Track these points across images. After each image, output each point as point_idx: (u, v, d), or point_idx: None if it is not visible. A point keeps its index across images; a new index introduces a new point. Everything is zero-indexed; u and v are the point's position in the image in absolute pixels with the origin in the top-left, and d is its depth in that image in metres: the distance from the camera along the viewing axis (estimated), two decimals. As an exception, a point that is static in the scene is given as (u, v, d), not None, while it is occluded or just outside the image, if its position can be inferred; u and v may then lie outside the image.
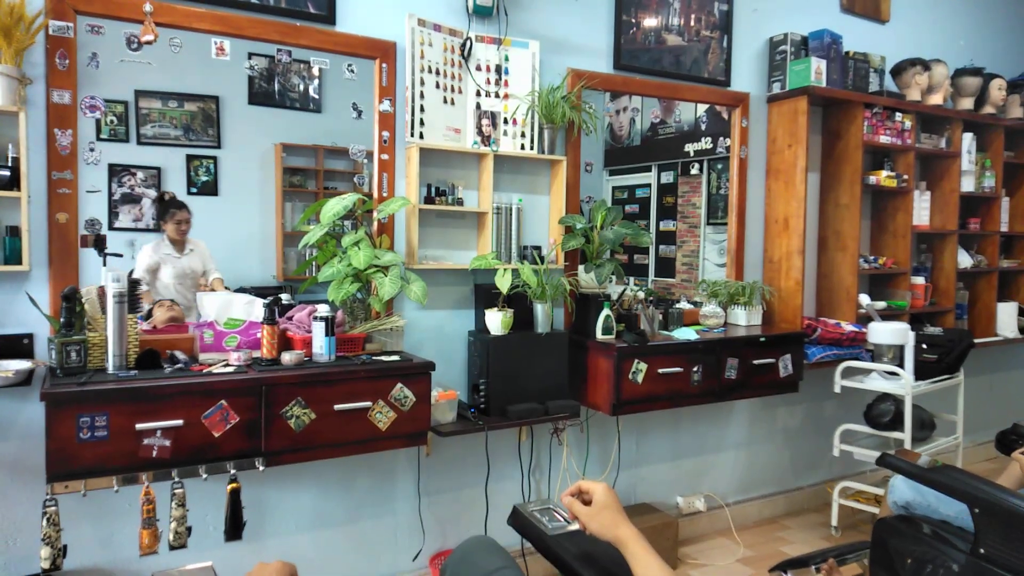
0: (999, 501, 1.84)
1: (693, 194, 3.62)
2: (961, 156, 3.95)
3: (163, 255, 2.52)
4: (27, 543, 2.18)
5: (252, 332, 2.30)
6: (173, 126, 2.42)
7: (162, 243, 2.46)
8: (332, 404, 2.15)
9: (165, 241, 2.47)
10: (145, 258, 2.50)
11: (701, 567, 3.20)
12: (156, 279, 2.51)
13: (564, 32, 2.99)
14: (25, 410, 2.14)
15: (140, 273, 2.47)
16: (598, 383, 2.81)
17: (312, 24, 2.47)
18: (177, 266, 2.49)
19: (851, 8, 3.82)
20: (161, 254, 2.52)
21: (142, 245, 2.39)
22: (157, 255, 2.51)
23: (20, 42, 2.02)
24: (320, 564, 2.63)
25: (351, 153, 2.63)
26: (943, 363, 3.44)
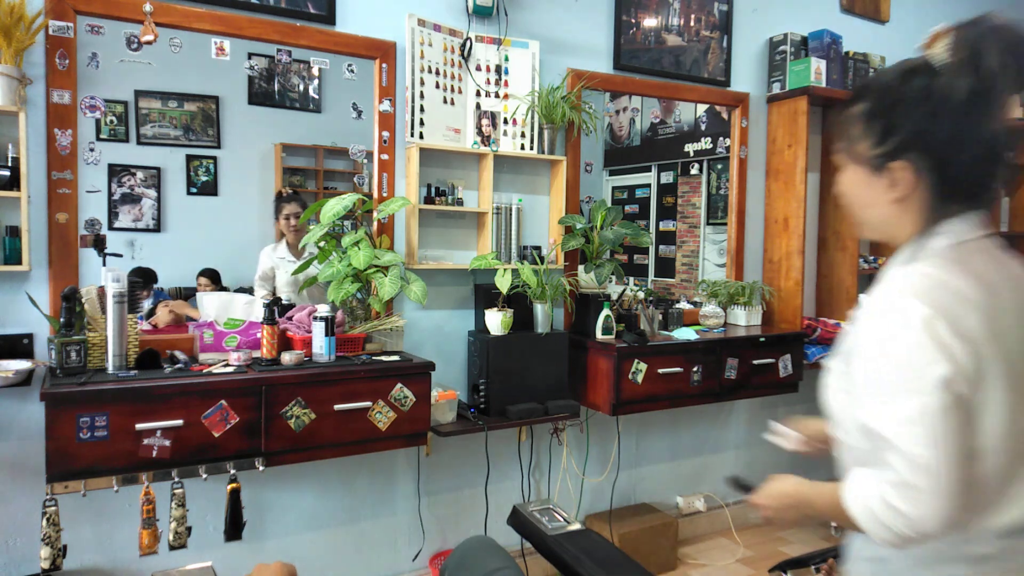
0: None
1: (693, 194, 3.62)
2: (961, 156, 3.95)
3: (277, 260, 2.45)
4: (27, 543, 2.18)
5: (252, 332, 2.30)
6: (173, 126, 2.42)
7: (279, 246, 2.41)
8: (332, 404, 2.15)
9: (282, 244, 2.42)
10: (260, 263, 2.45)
11: (701, 567, 3.20)
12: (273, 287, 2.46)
13: (564, 32, 2.99)
14: (25, 410, 2.14)
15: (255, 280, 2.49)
16: (598, 383, 2.81)
17: (312, 24, 2.47)
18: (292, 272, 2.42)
19: (851, 8, 3.82)
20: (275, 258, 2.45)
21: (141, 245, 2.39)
22: (271, 260, 2.45)
23: (20, 42, 2.02)
24: (320, 564, 2.63)
25: (351, 153, 2.63)
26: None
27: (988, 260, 1.01)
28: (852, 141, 1.07)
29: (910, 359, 0.93)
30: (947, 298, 0.94)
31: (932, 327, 0.92)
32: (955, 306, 0.94)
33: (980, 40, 0.98)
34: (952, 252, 1.00)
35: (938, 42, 1.03)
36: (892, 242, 1.10)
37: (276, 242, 2.56)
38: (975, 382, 0.93)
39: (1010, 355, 0.95)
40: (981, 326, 0.94)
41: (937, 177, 1.01)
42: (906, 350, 0.93)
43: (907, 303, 0.95)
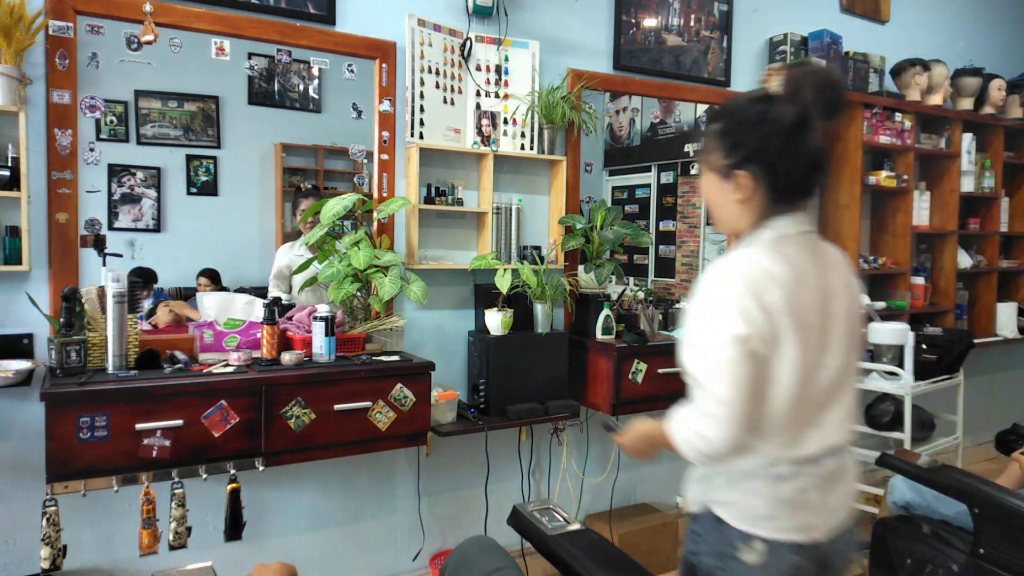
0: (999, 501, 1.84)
1: (693, 194, 3.62)
2: (961, 156, 3.95)
3: (294, 257, 2.45)
4: (27, 543, 2.18)
5: (252, 332, 2.30)
6: (173, 126, 2.42)
7: (295, 244, 2.40)
8: (332, 404, 2.15)
9: (299, 241, 2.41)
10: (276, 261, 2.42)
11: (701, 567, 3.20)
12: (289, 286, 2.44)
13: (564, 32, 2.99)
14: (25, 410, 2.14)
15: (270, 280, 2.48)
16: (598, 383, 2.81)
17: (312, 24, 2.47)
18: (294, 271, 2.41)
19: (851, 8, 3.82)
20: (292, 256, 2.44)
21: (141, 245, 2.39)
22: (287, 258, 2.44)
23: (20, 42, 2.02)
24: (320, 564, 2.63)
25: (351, 153, 2.63)
26: (943, 363, 3.44)
27: (802, 250, 1.26)
28: (708, 153, 1.32)
29: (719, 321, 1.19)
30: (758, 277, 1.20)
31: (740, 298, 1.18)
32: (763, 283, 1.19)
33: (802, 79, 1.23)
34: (774, 243, 1.25)
35: (774, 78, 1.27)
36: (736, 233, 1.34)
37: (294, 240, 2.56)
38: (770, 342, 1.19)
39: (804, 324, 1.21)
40: (782, 300, 1.19)
41: (770, 183, 1.26)
42: (718, 314, 1.19)
43: (727, 279, 1.21)
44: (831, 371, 1.27)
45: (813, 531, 1.25)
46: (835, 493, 1.29)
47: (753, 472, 1.26)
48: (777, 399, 1.22)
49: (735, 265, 1.23)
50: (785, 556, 1.23)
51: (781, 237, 1.26)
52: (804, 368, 1.22)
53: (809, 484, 1.26)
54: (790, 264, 1.22)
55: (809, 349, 1.23)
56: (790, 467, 1.25)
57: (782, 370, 1.21)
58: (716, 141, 1.30)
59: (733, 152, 1.27)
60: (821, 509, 1.27)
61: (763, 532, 1.25)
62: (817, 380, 1.25)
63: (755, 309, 1.18)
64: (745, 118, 1.27)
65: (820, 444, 1.27)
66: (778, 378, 1.22)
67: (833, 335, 1.27)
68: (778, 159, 1.24)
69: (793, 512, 1.25)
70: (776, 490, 1.25)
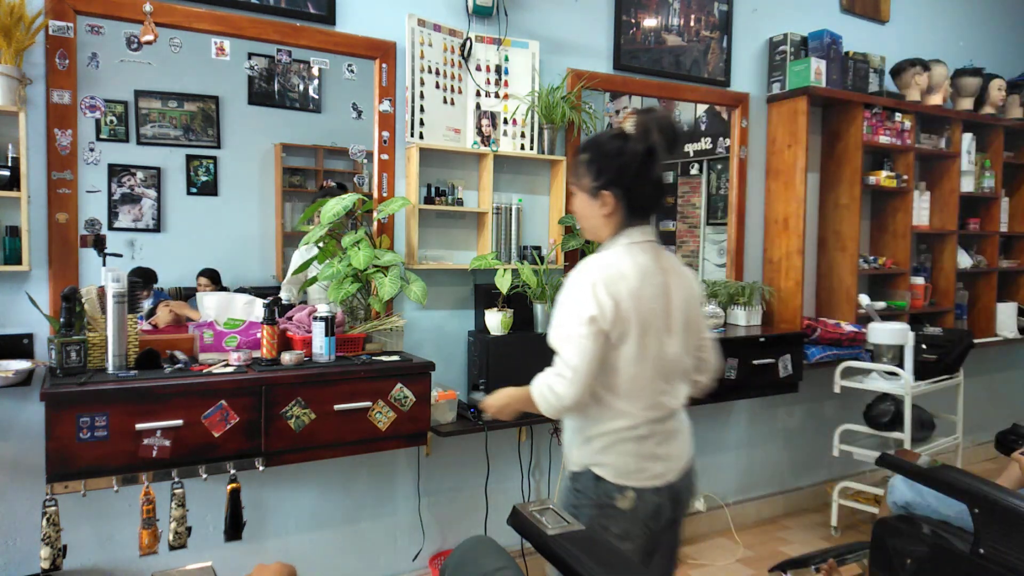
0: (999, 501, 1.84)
1: (693, 194, 3.62)
2: (961, 156, 3.95)
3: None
4: (27, 543, 2.18)
5: (252, 332, 2.30)
6: (173, 126, 2.42)
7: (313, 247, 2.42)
8: (332, 404, 2.15)
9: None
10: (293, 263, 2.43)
11: (701, 567, 3.20)
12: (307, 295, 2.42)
13: (564, 32, 2.99)
14: (25, 410, 2.14)
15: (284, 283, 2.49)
16: (598, 383, 2.81)
17: (312, 24, 2.47)
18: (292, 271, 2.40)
19: (851, 8, 3.82)
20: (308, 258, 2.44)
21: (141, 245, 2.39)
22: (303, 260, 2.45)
23: (20, 42, 2.02)
24: (320, 564, 2.63)
25: (351, 153, 2.63)
26: (943, 363, 3.44)
27: (648, 255, 1.60)
28: (580, 177, 1.65)
29: (576, 304, 1.53)
30: (611, 273, 1.54)
31: (595, 288, 1.52)
32: (614, 278, 1.53)
33: (649, 123, 1.57)
34: (627, 248, 1.60)
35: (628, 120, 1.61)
36: (599, 240, 1.68)
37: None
38: (615, 324, 1.52)
39: (644, 314, 1.55)
40: (628, 292, 1.53)
41: (627, 202, 1.60)
42: (576, 299, 1.54)
43: (587, 273, 1.55)
44: (675, 348, 1.62)
45: (667, 476, 1.62)
46: (678, 445, 1.67)
47: (623, 436, 1.59)
48: (633, 372, 1.56)
49: (595, 265, 1.57)
50: (649, 499, 1.60)
51: (633, 244, 1.60)
52: (652, 346, 1.57)
53: (661, 440, 1.62)
54: (638, 264, 1.57)
55: (653, 330, 1.58)
56: (648, 428, 1.60)
57: (625, 349, 1.55)
58: (586, 168, 1.63)
59: (600, 177, 1.60)
60: (670, 458, 1.64)
61: (632, 483, 1.59)
62: (664, 356, 1.60)
63: (606, 298, 1.51)
64: (608, 151, 1.60)
65: (668, 407, 1.63)
66: (623, 354, 1.55)
67: (674, 319, 1.62)
68: (633, 183, 1.59)
69: (653, 464, 1.60)
70: (640, 448, 1.59)
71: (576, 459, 1.66)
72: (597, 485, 1.60)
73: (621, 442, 1.59)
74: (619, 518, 1.58)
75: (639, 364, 1.56)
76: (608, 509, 1.59)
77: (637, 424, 1.59)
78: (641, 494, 1.59)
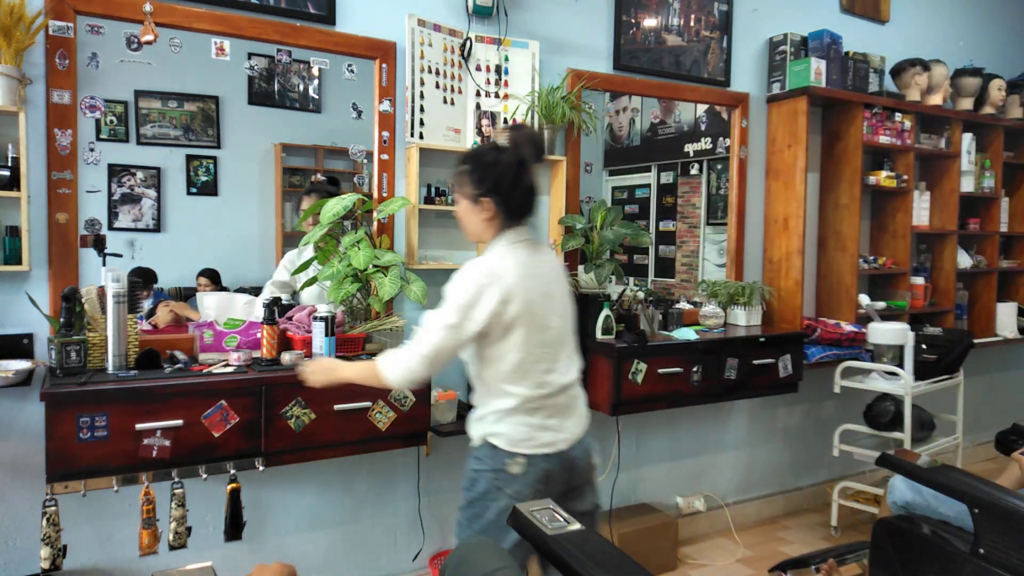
0: (999, 501, 1.84)
1: (693, 194, 3.62)
2: (961, 156, 3.95)
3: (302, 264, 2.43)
4: (27, 543, 2.18)
5: (252, 332, 2.30)
6: (173, 126, 2.42)
7: (305, 248, 2.41)
8: (332, 404, 2.15)
9: (308, 248, 2.41)
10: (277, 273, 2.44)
11: (701, 567, 3.20)
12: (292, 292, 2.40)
13: (564, 32, 2.99)
14: (25, 410, 2.14)
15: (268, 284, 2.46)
16: (598, 383, 2.81)
17: (312, 24, 2.47)
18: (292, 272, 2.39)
19: (851, 8, 3.82)
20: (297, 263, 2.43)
21: (141, 245, 2.39)
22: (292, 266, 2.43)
23: (20, 42, 2.02)
24: (320, 564, 2.64)
25: (351, 153, 2.63)
26: (943, 363, 3.44)
27: (526, 252, 1.81)
28: (462, 186, 1.84)
29: (455, 297, 1.73)
30: (495, 270, 1.74)
31: (477, 284, 1.72)
32: (498, 274, 1.73)
33: (519, 137, 1.82)
34: (506, 248, 1.80)
35: (501, 135, 1.87)
36: (482, 242, 1.87)
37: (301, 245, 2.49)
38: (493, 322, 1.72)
39: (527, 304, 1.75)
40: (511, 286, 1.73)
41: (504, 207, 1.80)
42: (456, 292, 1.74)
43: (473, 270, 1.75)
44: (555, 331, 1.84)
45: (557, 444, 1.82)
46: (570, 417, 1.87)
47: (515, 409, 1.79)
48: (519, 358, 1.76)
49: (482, 262, 1.77)
50: (539, 464, 1.80)
51: (511, 243, 1.81)
52: (535, 333, 1.78)
53: (551, 413, 1.82)
54: (518, 261, 1.78)
55: (537, 318, 1.78)
56: (538, 402, 1.80)
57: (513, 337, 1.75)
58: (467, 178, 1.82)
59: (480, 185, 1.80)
60: (560, 429, 1.84)
61: (523, 450, 1.79)
62: (548, 340, 1.81)
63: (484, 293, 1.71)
64: (486, 162, 1.80)
65: (555, 383, 1.82)
66: (515, 344, 1.75)
67: (554, 306, 1.84)
68: (509, 191, 1.79)
69: (542, 433, 1.81)
70: (529, 420, 1.80)
71: (475, 433, 1.88)
72: (493, 453, 1.81)
73: (512, 414, 1.80)
74: (511, 481, 1.79)
75: (524, 351, 1.77)
76: (502, 474, 1.80)
77: (524, 401, 1.79)
78: (531, 460, 1.79)
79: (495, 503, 1.79)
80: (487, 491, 1.81)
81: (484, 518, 1.81)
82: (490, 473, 1.81)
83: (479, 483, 1.83)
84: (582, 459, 1.89)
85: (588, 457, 1.92)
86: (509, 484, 1.79)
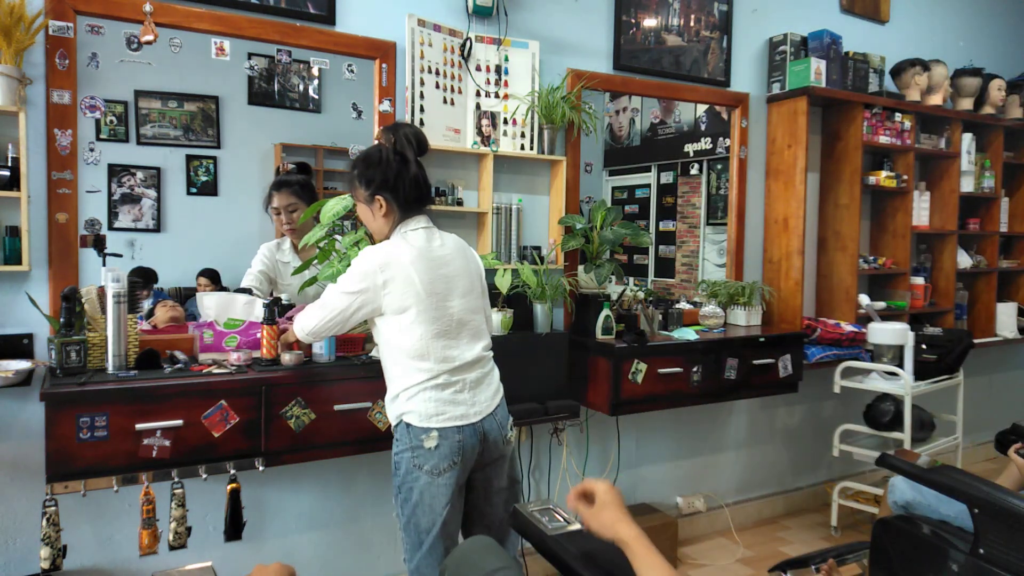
0: (999, 501, 1.84)
1: (693, 194, 3.62)
2: (960, 156, 3.95)
3: (278, 261, 2.41)
4: (27, 543, 2.18)
5: (252, 332, 2.30)
6: (173, 126, 2.42)
7: (283, 243, 2.38)
8: (332, 404, 2.15)
9: (286, 243, 2.38)
10: (256, 261, 2.40)
11: (701, 567, 3.20)
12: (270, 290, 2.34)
13: (564, 32, 2.99)
14: (25, 410, 2.14)
15: (248, 281, 2.41)
16: (598, 383, 2.81)
17: (312, 24, 2.47)
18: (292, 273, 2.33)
19: (851, 8, 3.82)
20: (275, 260, 2.40)
21: (141, 245, 2.39)
22: (271, 260, 2.39)
23: (20, 42, 2.02)
24: (320, 564, 2.63)
25: (351, 153, 2.62)
26: (943, 363, 3.44)
27: (422, 238, 1.94)
28: (355, 189, 1.97)
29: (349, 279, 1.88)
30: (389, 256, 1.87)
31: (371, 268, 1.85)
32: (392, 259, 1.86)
33: (398, 133, 1.93)
34: (401, 236, 1.93)
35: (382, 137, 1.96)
36: (385, 237, 1.97)
37: (278, 239, 2.47)
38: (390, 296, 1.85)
39: (423, 285, 1.86)
40: (404, 269, 1.85)
41: (396, 201, 1.93)
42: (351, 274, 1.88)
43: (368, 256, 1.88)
44: (457, 311, 1.92)
45: (468, 418, 1.90)
46: (481, 391, 1.96)
47: (423, 387, 1.88)
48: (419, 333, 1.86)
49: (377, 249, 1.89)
50: (451, 436, 1.87)
51: (408, 232, 1.93)
52: (432, 310, 1.87)
53: (460, 387, 1.91)
54: (412, 247, 1.89)
55: (434, 297, 1.87)
56: (446, 378, 1.89)
57: (412, 315, 1.85)
58: (358, 180, 1.94)
59: (370, 185, 1.92)
60: (471, 402, 1.92)
61: (435, 424, 1.86)
62: (448, 317, 1.90)
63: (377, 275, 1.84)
64: (372, 162, 1.92)
65: (461, 359, 1.92)
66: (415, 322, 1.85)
67: (454, 286, 1.93)
68: (397, 185, 1.91)
69: (452, 408, 1.89)
70: (439, 396, 1.88)
71: (391, 414, 1.95)
72: (408, 431, 1.88)
73: (422, 391, 1.87)
74: (428, 456, 1.86)
75: (423, 326, 1.86)
76: (419, 450, 1.86)
77: (431, 376, 1.87)
78: (443, 432, 1.87)
79: (417, 482, 1.87)
80: (408, 471, 1.88)
81: (411, 500, 1.87)
82: (408, 452, 1.88)
83: (401, 465, 1.90)
84: (495, 432, 1.96)
85: (502, 431, 1.99)
86: (426, 460, 1.86)
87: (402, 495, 1.90)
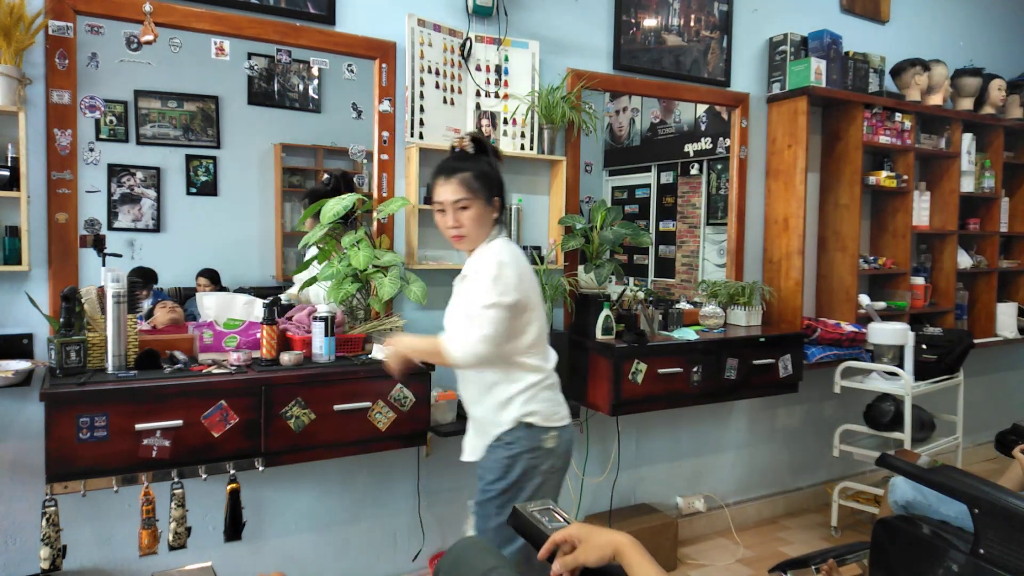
0: (999, 501, 1.84)
1: (693, 194, 3.62)
2: (961, 156, 3.95)
3: None
4: (27, 543, 2.18)
5: (252, 332, 2.30)
6: (173, 126, 2.42)
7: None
8: (332, 404, 2.15)
9: None
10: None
11: (701, 567, 3.20)
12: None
13: (564, 32, 2.99)
14: (25, 410, 2.14)
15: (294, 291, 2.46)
16: (598, 383, 2.81)
17: (312, 24, 2.47)
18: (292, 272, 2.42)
19: (851, 8, 3.82)
20: None
21: (141, 245, 2.39)
22: None
23: (20, 42, 2.02)
24: (320, 564, 2.63)
25: (351, 153, 2.63)
26: (943, 363, 3.44)
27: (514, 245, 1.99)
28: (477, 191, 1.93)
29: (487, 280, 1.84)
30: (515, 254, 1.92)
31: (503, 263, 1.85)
32: (517, 259, 1.91)
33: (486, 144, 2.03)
34: (505, 240, 1.98)
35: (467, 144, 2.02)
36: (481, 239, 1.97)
37: None
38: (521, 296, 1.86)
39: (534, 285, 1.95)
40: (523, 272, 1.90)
41: (502, 205, 2.00)
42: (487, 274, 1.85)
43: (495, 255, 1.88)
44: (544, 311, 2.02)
45: (567, 418, 2.00)
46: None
47: (540, 387, 1.93)
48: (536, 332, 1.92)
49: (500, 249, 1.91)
50: (566, 436, 1.97)
51: (506, 237, 2.00)
52: (539, 308, 1.95)
53: (559, 387, 2.01)
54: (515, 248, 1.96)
55: (537, 298, 1.96)
56: (552, 378, 1.98)
57: (534, 315, 1.92)
58: (480, 183, 1.93)
59: (492, 188, 1.96)
60: (565, 403, 2.03)
61: (555, 423, 1.94)
62: (545, 319, 2.00)
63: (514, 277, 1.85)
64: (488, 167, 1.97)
65: (554, 360, 2.02)
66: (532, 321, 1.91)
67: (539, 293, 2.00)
68: (502, 191, 2.00)
69: (561, 407, 1.99)
70: (553, 396, 1.97)
71: (504, 419, 1.92)
72: (529, 432, 1.90)
73: (540, 391, 1.93)
74: (546, 456, 1.91)
75: (537, 325, 1.93)
76: (539, 451, 1.90)
77: (546, 375, 1.96)
78: (561, 432, 1.95)
79: (530, 482, 1.90)
80: (524, 472, 1.89)
81: (519, 500, 1.87)
82: (527, 454, 1.90)
83: (515, 468, 1.89)
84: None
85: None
86: (545, 460, 1.91)
87: (507, 496, 1.89)
